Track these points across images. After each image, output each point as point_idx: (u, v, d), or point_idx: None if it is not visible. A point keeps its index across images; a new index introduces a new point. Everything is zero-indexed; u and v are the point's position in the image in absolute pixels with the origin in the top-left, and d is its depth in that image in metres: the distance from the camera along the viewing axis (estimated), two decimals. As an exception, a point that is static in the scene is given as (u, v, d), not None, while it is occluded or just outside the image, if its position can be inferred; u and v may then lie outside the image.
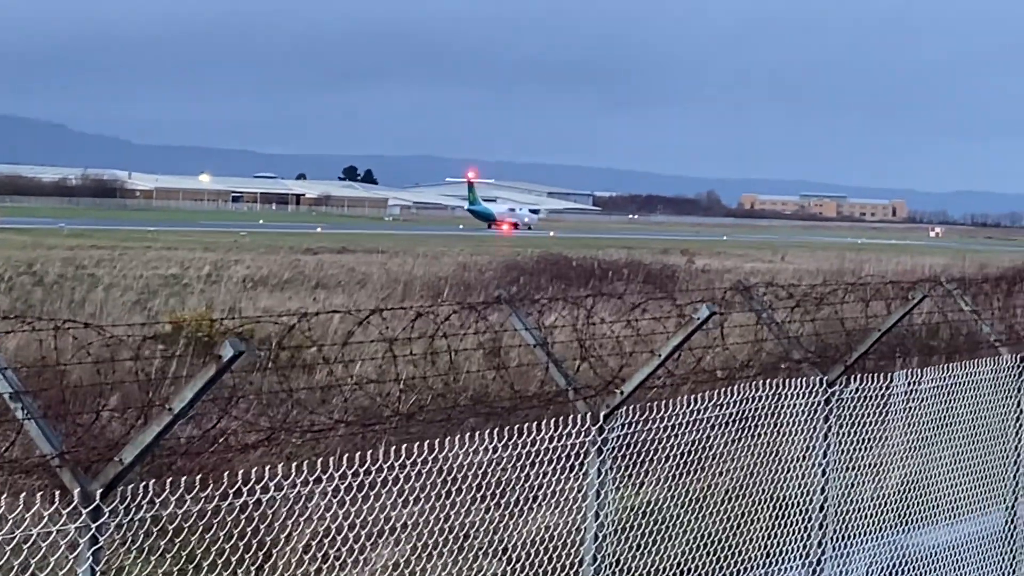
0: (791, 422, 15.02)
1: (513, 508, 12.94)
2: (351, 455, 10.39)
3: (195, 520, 9.87)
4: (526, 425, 11.91)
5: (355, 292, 53.83)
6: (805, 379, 15.08)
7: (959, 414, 17.33)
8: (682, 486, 14.05)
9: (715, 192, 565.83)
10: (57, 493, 8.75)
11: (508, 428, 11.74)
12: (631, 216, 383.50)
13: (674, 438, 13.65)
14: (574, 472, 12.53)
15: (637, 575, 13.25)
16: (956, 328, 21.25)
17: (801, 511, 15.13)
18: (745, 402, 14.29)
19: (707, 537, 14.09)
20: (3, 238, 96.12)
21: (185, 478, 9.48)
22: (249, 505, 9.75)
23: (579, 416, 12.43)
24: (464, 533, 12.35)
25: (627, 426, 12.90)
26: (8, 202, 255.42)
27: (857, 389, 15.71)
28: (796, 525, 15.09)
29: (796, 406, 14.98)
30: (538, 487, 12.41)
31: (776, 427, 14.89)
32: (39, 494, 8.65)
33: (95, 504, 8.79)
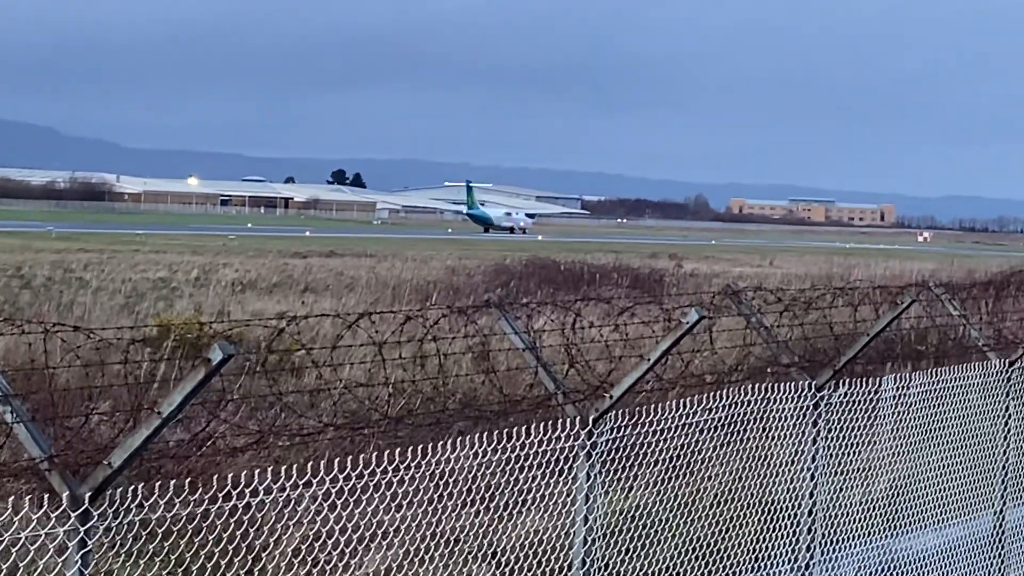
0: (780, 426, 15.02)
1: (502, 512, 12.94)
2: (340, 459, 10.38)
3: (184, 524, 9.85)
4: (515, 429, 11.90)
5: (344, 296, 53.78)
6: (794, 383, 15.08)
7: (947, 419, 17.34)
8: (671, 490, 14.05)
9: (703, 196, 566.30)
10: (46, 496, 8.73)
11: (497, 432, 11.74)
12: (619, 220, 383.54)
13: (663, 442, 13.65)
14: (563, 476, 12.52)
15: (626, 579, 13.25)
16: (944, 333, 21.30)
17: (790, 515, 15.14)
18: (734, 406, 14.28)
19: (696, 541, 14.09)
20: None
21: (174, 482, 9.47)
22: (238, 509, 9.73)
23: (568, 420, 12.42)
24: (453, 537, 12.34)
25: (616, 430, 12.90)
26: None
27: (846, 393, 15.72)
28: (785, 529, 15.10)
29: (785, 410, 14.98)
30: (527, 491, 12.40)
31: (765, 431, 14.89)
32: (28, 497, 8.63)
33: (84, 508, 8.77)
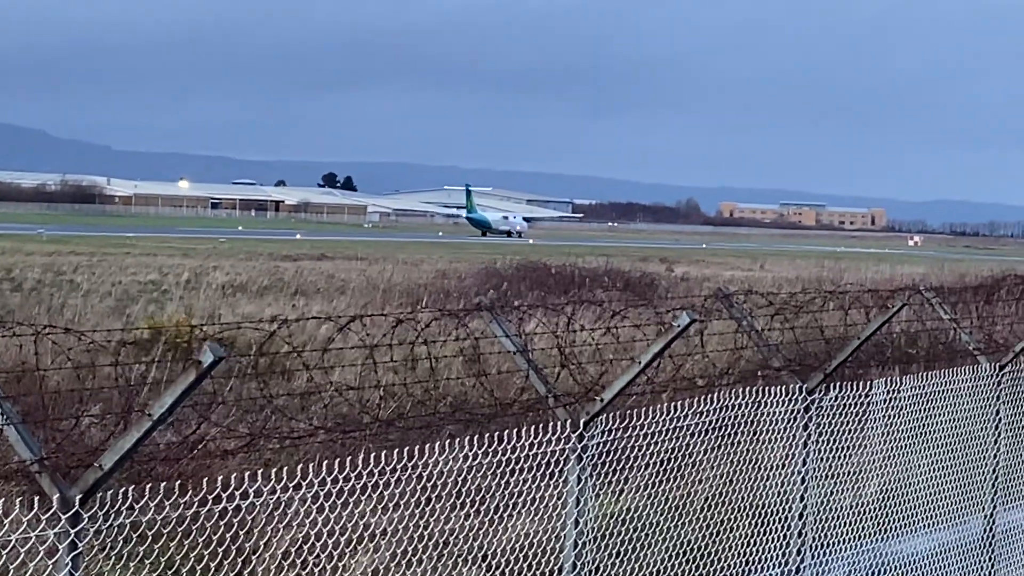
0: (771, 430, 15.02)
1: (493, 515, 12.94)
2: (330, 462, 10.37)
3: (174, 526, 9.84)
4: (506, 432, 11.89)
5: (335, 299, 53.75)
6: (785, 387, 15.09)
7: (938, 422, 17.35)
8: (661, 493, 14.05)
9: (694, 200, 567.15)
10: (36, 499, 8.72)
11: (488, 435, 11.73)
12: (611, 224, 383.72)
13: (654, 445, 13.65)
14: (554, 479, 12.52)
15: (616, 582, 13.24)
16: (935, 336, 21.31)
17: (780, 519, 15.14)
18: (725, 410, 14.28)
19: (686, 544, 14.09)
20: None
21: (164, 484, 9.45)
22: (228, 511, 9.72)
23: (559, 423, 12.42)
24: (443, 540, 12.33)
25: (607, 433, 12.90)
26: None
27: (836, 397, 15.72)
28: (775, 532, 15.10)
29: (776, 414, 14.98)
30: (517, 494, 12.40)
31: (755, 435, 14.89)
32: (18, 500, 8.60)
33: (74, 510, 8.76)
